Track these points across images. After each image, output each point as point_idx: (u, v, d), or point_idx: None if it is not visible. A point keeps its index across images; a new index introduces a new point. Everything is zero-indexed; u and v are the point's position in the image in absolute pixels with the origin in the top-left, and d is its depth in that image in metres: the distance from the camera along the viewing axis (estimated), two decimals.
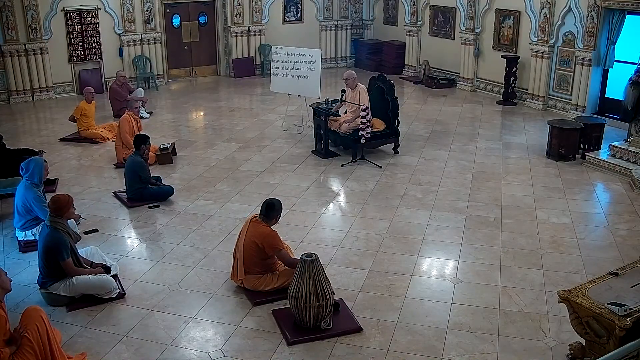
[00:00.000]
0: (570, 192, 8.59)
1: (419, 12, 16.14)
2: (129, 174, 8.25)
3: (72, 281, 5.81)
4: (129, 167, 8.28)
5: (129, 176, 8.26)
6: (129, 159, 8.44)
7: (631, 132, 9.37)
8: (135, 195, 8.23)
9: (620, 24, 11.30)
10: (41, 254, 5.82)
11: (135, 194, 8.23)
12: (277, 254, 5.87)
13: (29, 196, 6.96)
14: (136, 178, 8.22)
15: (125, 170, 8.34)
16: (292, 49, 11.59)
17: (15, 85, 13.72)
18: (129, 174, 8.26)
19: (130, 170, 8.24)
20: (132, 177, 8.23)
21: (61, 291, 5.82)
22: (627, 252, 6.80)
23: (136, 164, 8.24)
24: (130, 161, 8.32)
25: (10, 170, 8.42)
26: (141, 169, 8.25)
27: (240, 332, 5.42)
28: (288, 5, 17.04)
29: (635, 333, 4.34)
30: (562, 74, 12.60)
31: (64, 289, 5.81)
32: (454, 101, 13.92)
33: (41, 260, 5.83)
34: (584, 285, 4.85)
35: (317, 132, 10.21)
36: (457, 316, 5.64)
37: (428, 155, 10.11)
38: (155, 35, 15.31)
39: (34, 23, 13.64)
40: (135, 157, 8.31)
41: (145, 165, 8.37)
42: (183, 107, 13.60)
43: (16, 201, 7.10)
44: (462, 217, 7.74)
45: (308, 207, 8.09)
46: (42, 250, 5.81)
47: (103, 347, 5.18)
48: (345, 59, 18.20)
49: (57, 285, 5.81)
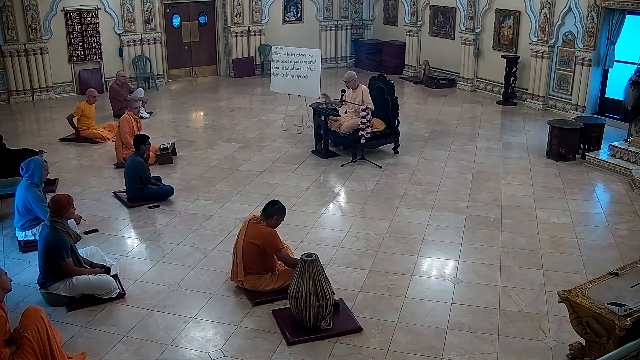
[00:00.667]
0: (570, 192, 8.59)
1: (419, 12, 16.14)
2: (129, 174, 8.24)
3: (72, 281, 5.81)
4: (128, 167, 8.27)
5: (128, 176, 8.26)
6: (128, 159, 8.43)
7: (631, 132, 9.37)
8: (135, 195, 8.23)
9: (620, 24, 11.30)
10: (41, 254, 5.82)
11: (135, 194, 8.23)
12: (277, 254, 5.87)
13: (29, 196, 6.96)
14: (136, 178, 8.21)
15: (125, 170, 8.34)
16: (292, 49, 11.59)
17: (15, 85, 13.72)
18: (128, 173, 8.25)
19: (130, 170, 8.24)
20: (132, 177, 8.22)
21: (61, 291, 5.82)
22: (627, 252, 6.79)
23: (136, 164, 8.23)
24: (130, 161, 8.31)
25: (11, 170, 8.43)
26: (141, 169, 8.24)
27: (240, 332, 5.42)
28: (288, 5, 17.04)
29: (635, 333, 4.34)
30: (562, 74, 12.60)
31: (64, 289, 5.81)
32: (454, 101, 13.92)
33: (41, 260, 5.84)
34: (584, 285, 4.85)
35: (317, 132, 10.21)
36: (457, 316, 5.64)
37: (428, 155, 10.12)
38: (155, 35, 15.31)
39: (34, 23, 13.63)
40: (135, 157, 8.30)
41: (145, 165, 8.36)
42: (183, 107, 13.60)
43: (16, 201, 7.10)
44: (462, 217, 7.74)
45: (308, 207, 8.09)
46: (42, 250, 5.81)
47: (103, 347, 5.18)
48: (345, 59, 18.20)
49: (57, 285, 5.81)
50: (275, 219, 5.90)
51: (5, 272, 4.96)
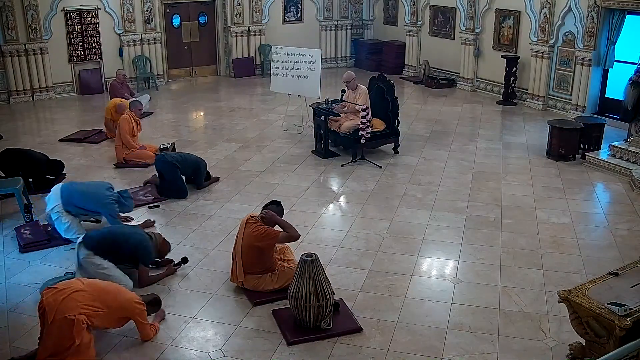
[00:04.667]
0: (570, 192, 8.59)
1: (419, 12, 16.14)
2: (194, 161, 8.63)
3: (103, 265, 5.89)
4: (196, 161, 8.65)
5: (191, 161, 8.62)
6: (192, 156, 8.79)
7: (631, 132, 9.37)
8: (165, 169, 8.45)
9: (620, 24, 11.30)
10: (125, 244, 6.05)
11: (170, 168, 8.40)
12: (278, 241, 5.87)
13: (105, 210, 7.07)
14: (201, 172, 8.63)
15: (191, 156, 8.73)
16: (292, 49, 11.59)
17: (15, 85, 13.71)
18: (193, 159, 8.65)
19: (198, 163, 8.64)
20: (197, 171, 8.61)
21: (96, 261, 5.88)
22: (627, 252, 6.79)
23: (203, 161, 8.74)
24: (195, 158, 8.73)
25: (11, 170, 8.44)
26: (204, 167, 8.72)
27: (240, 332, 5.42)
28: (288, 5, 17.03)
29: (635, 333, 4.34)
30: (562, 74, 12.60)
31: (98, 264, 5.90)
32: (454, 101, 13.92)
33: (118, 245, 6.02)
34: (584, 285, 4.85)
35: (317, 132, 10.21)
36: (457, 316, 5.64)
37: (428, 155, 10.11)
38: (155, 35, 15.31)
39: (34, 23, 13.63)
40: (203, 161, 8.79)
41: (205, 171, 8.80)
42: (183, 107, 13.60)
43: (81, 203, 7.07)
44: (462, 217, 7.74)
45: (308, 207, 8.09)
46: (130, 242, 6.08)
47: (103, 347, 5.17)
48: (345, 59, 18.20)
49: (98, 259, 5.88)
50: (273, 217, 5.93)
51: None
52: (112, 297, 5.01)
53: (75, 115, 12.94)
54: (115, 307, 5.01)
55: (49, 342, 4.74)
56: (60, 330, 4.70)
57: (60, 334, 4.71)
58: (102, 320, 4.95)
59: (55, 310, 4.72)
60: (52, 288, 4.96)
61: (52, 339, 4.73)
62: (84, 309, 4.79)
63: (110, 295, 5.02)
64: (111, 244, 6.02)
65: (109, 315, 4.97)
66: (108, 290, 5.05)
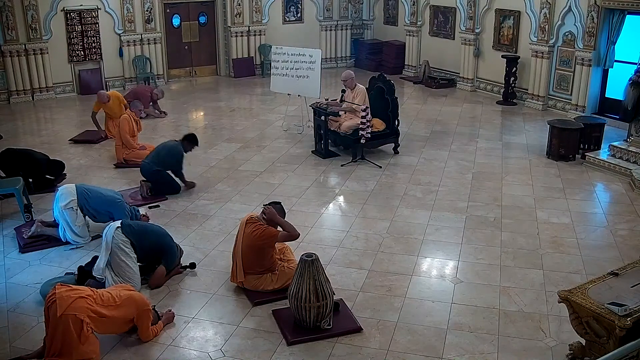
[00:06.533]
0: (570, 192, 8.59)
1: (419, 12, 16.13)
2: (166, 152, 8.46)
3: (130, 255, 5.95)
4: (171, 148, 8.49)
5: (164, 154, 8.45)
6: (173, 143, 8.64)
7: (631, 132, 9.37)
8: (152, 176, 8.37)
9: (620, 24, 11.30)
10: (151, 241, 6.14)
11: (154, 174, 8.37)
12: (277, 240, 5.87)
13: (117, 213, 7.03)
14: (171, 160, 8.44)
15: (163, 148, 8.56)
16: (292, 49, 11.59)
17: (15, 85, 13.71)
18: (165, 152, 8.47)
19: (170, 151, 8.46)
20: (169, 159, 8.43)
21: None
22: (627, 252, 6.80)
23: (178, 149, 8.50)
24: (175, 145, 8.56)
25: (11, 170, 8.44)
26: (180, 156, 8.50)
27: (240, 332, 5.42)
28: (288, 5, 17.03)
29: (635, 333, 4.34)
30: (562, 74, 12.60)
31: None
32: (454, 101, 13.92)
33: (152, 240, 6.15)
34: (584, 285, 4.85)
35: (317, 132, 10.21)
36: (457, 316, 5.64)
37: (428, 155, 10.11)
38: (155, 35, 15.31)
39: (34, 23, 13.63)
40: (179, 145, 8.56)
41: (184, 156, 8.58)
42: (183, 107, 13.60)
43: (95, 204, 7.07)
44: (462, 217, 7.74)
45: (308, 207, 8.09)
46: (157, 240, 6.20)
47: (103, 347, 5.16)
48: (345, 59, 18.20)
49: (130, 251, 5.97)
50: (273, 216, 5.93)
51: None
52: (122, 311, 5.06)
53: (75, 115, 12.93)
54: (120, 318, 5.06)
55: (56, 335, 4.78)
56: (66, 325, 4.74)
57: (66, 329, 4.75)
58: (106, 327, 5.02)
59: (66, 306, 4.77)
60: (65, 285, 5.04)
61: (58, 332, 4.76)
62: (91, 315, 4.85)
63: (121, 310, 5.05)
64: (146, 238, 6.12)
65: (113, 322, 5.03)
66: (118, 305, 5.07)
